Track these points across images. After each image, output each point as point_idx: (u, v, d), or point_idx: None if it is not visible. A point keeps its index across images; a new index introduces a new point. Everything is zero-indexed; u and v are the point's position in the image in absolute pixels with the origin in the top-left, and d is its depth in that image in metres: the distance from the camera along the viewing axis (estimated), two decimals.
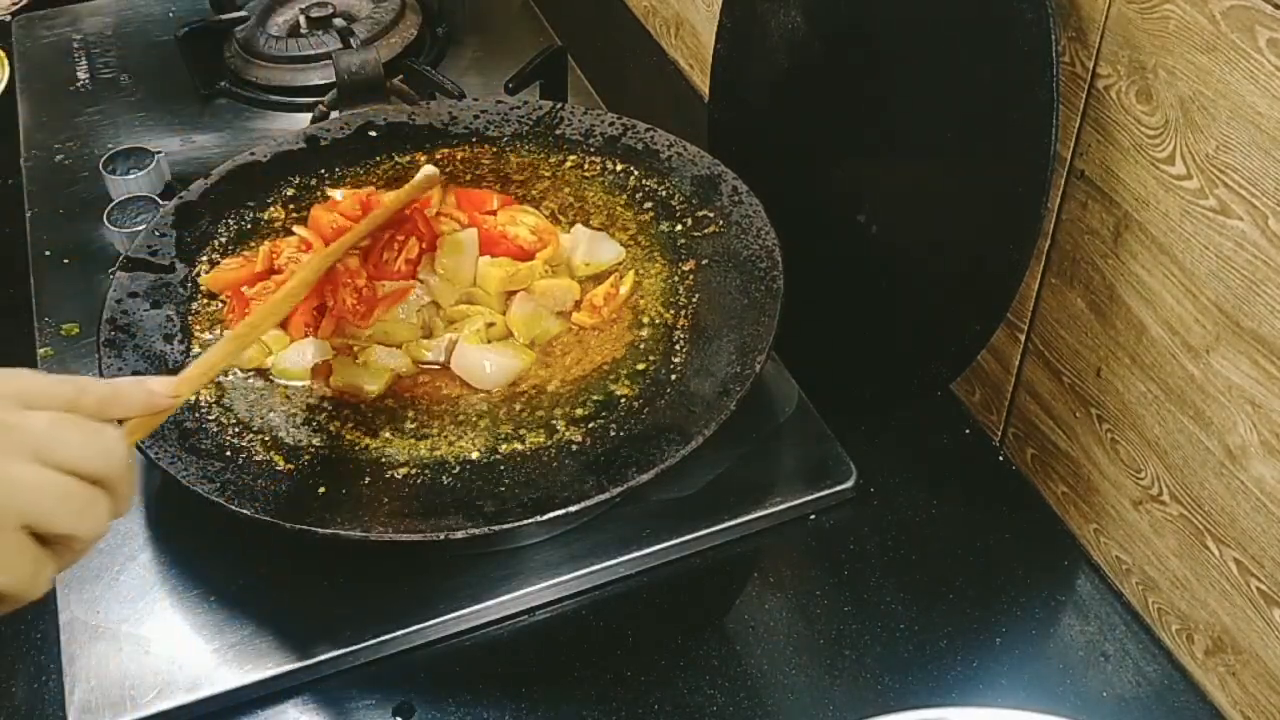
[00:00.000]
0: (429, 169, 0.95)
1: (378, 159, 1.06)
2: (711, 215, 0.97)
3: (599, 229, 0.97)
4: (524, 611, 0.82)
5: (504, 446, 0.81)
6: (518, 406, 0.84)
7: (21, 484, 0.52)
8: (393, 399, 0.85)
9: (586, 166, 1.04)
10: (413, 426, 0.83)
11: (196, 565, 0.83)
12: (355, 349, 0.88)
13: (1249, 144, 0.63)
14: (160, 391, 0.64)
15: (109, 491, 0.56)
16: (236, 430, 0.83)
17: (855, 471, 0.88)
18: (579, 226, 0.97)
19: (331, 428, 0.83)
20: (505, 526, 0.74)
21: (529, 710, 0.76)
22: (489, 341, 0.88)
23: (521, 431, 0.82)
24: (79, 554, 0.55)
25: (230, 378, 0.86)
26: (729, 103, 1.08)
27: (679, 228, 0.97)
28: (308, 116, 1.21)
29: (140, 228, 1.06)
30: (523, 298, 0.90)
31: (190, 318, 0.91)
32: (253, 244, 0.97)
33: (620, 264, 0.95)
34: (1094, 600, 0.83)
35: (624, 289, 0.91)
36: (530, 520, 0.74)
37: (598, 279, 0.93)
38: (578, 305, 0.91)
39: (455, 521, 0.75)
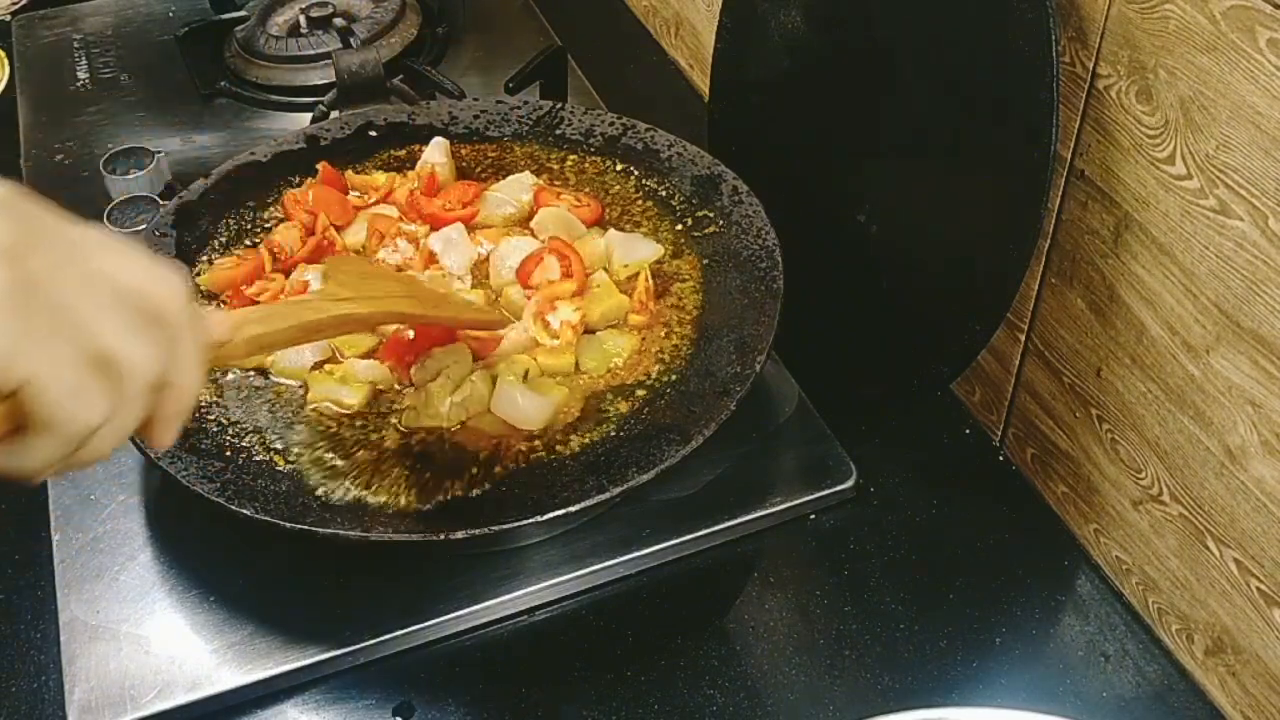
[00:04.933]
0: (507, 326, 0.89)
1: (377, 159, 1.06)
2: (711, 215, 0.97)
3: (624, 228, 0.98)
4: (524, 611, 0.81)
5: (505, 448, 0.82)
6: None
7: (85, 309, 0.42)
8: (394, 399, 0.85)
9: (587, 165, 1.04)
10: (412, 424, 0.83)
11: (196, 565, 0.83)
12: (338, 357, 0.87)
13: (1249, 144, 0.63)
14: (216, 331, 0.54)
15: (170, 337, 0.46)
16: (236, 430, 0.83)
17: (855, 471, 0.88)
18: (611, 231, 0.97)
19: (331, 428, 0.83)
20: (505, 526, 0.74)
21: (529, 710, 0.76)
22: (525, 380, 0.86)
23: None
24: (132, 405, 0.44)
25: (230, 377, 0.86)
26: (729, 103, 1.08)
27: (679, 227, 0.97)
28: (308, 116, 1.21)
29: (140, 228, 1.06)
30: (586, 338, 0.88)
31: None
32: (250, 243, 0.97)
33: (658, 260, 0.95)
34: (1094, 600, 0.83)
35: (650, 280, 0.91)
36: (530, 520, 0.74)
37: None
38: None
39: (455, 521, 0.75)
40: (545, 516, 0.74)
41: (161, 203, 1.11)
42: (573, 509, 0.75)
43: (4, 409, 0.41)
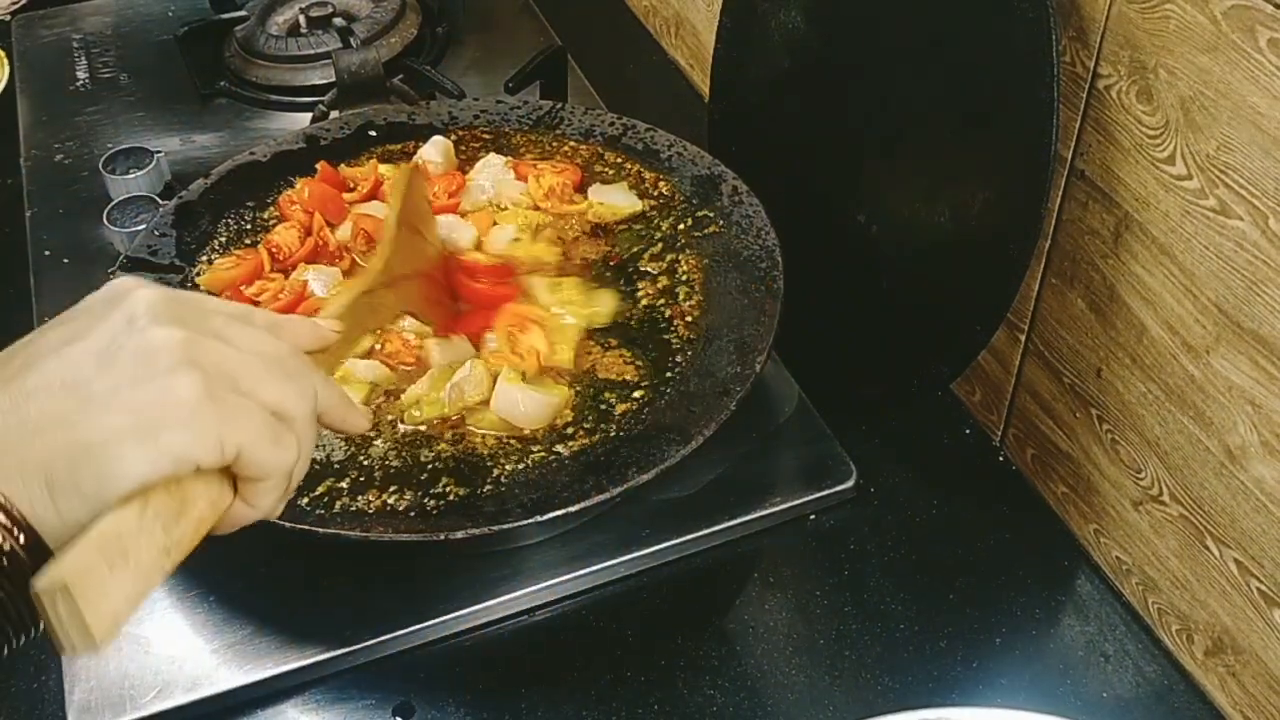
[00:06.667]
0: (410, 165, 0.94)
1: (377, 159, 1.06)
2: (711, 215, 0.97)
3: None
4: (524, 611, 0.81)
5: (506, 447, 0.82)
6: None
7: (232, 411, 0.50)
8: (392, 400, 0.85)
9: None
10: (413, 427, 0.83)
11: (196, 565, 0.81)
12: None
13: (1249, 144, 0.63)
14: (324, 325, 0.62)
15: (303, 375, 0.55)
16: None
17: (855, 471, 0.88)
18: (595, 185, 1.00)
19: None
20: (505, 526, 0.74)
21: (529, 710, 0.76)
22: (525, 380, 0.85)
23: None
24: (260, 499, 0.53)
25: None
26: (729, 103, 1.08)
27: (680, 227, 0.97)
28: (308, 116, 1.21)
29: (140, 228, 1.06)
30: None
31: None
32: (250, 243, 0.97)
33: (636, 213, 0.98)
34: (1094, 600, 0.83)
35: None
36: (530, 520, 0.74)
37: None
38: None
39: (455, 521, 0.75)
40: (545, 516, 0.74)
41: (161, 203, 1.11)
42: (573, 509, 0.75)
43: (229, 476, 0.52)
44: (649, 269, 0.94)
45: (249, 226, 0.99)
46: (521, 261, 0.93)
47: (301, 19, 1.35)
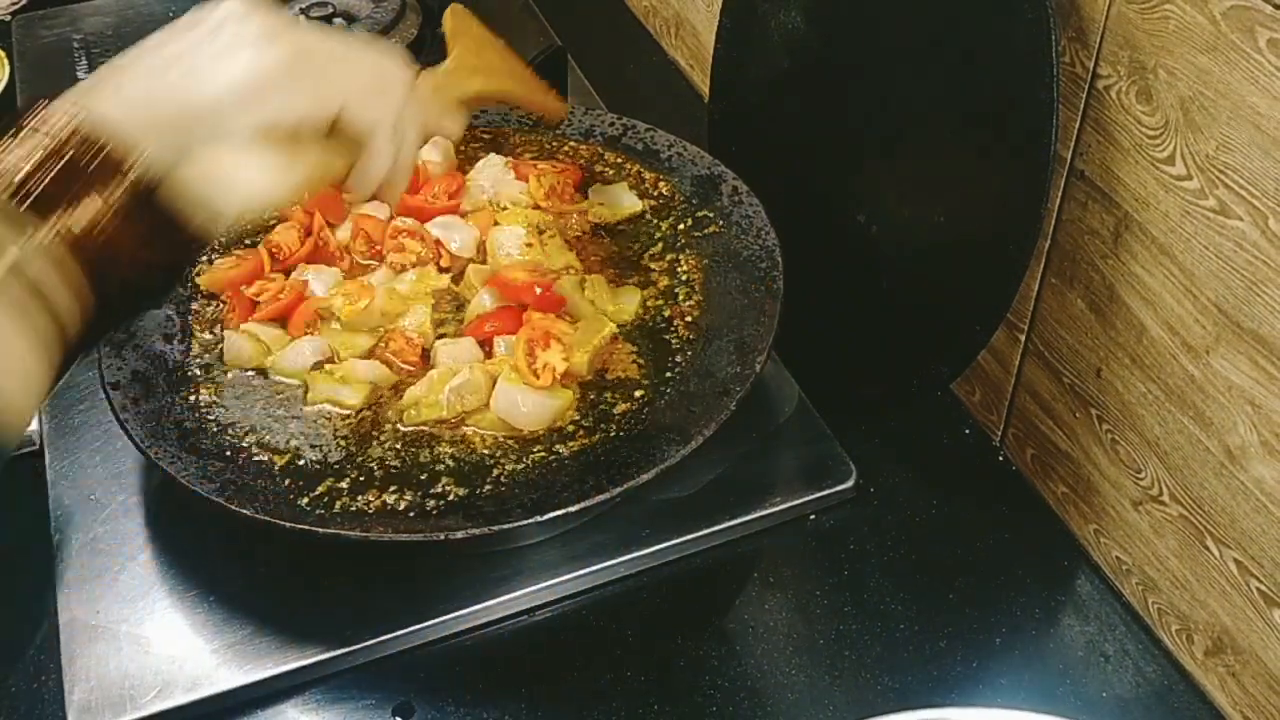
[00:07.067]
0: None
1: None
2: (711, 215, 0.97)
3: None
4: (524, 611, 0.81)
5: (505, 447, 0.81)
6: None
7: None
8: (392, 400, 0.85)
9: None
10: (412, 429, 0.83)
11: (196, 565, 0.82)
12: (335, 358, 0.87)
13: (1249, 144, 0.63)
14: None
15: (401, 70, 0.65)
16: (236, 430, 0.83)
17: (855, 471, 0.88)
18: (596, 185, 1.00)
19: (330, 427, 0.83)
20: (505, 526, 0.74)
21: (529, 710, 0.76)
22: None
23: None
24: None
25: (230, 376, 0.87)
26: (729, 103, 1.08)
27: (680, 227, 0.97)
28: None
29: None
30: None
31: (190, 317, 0.91)
32: (250, 243, 0.97)
33: (636, 213, 0.98)
34: (1094, 600, 0.83)
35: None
36: (530, 520, 0.74)
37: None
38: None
39: (455, 521, 0.75)
40: (545, 516, 0.74)
41: None
42: (573, 509, 0.75)
43: (335, 145, 0.61)
44: (649, 268, 0.94)
45: (248, 226, 0.99)
46: (553, 269, 0.92)
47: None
